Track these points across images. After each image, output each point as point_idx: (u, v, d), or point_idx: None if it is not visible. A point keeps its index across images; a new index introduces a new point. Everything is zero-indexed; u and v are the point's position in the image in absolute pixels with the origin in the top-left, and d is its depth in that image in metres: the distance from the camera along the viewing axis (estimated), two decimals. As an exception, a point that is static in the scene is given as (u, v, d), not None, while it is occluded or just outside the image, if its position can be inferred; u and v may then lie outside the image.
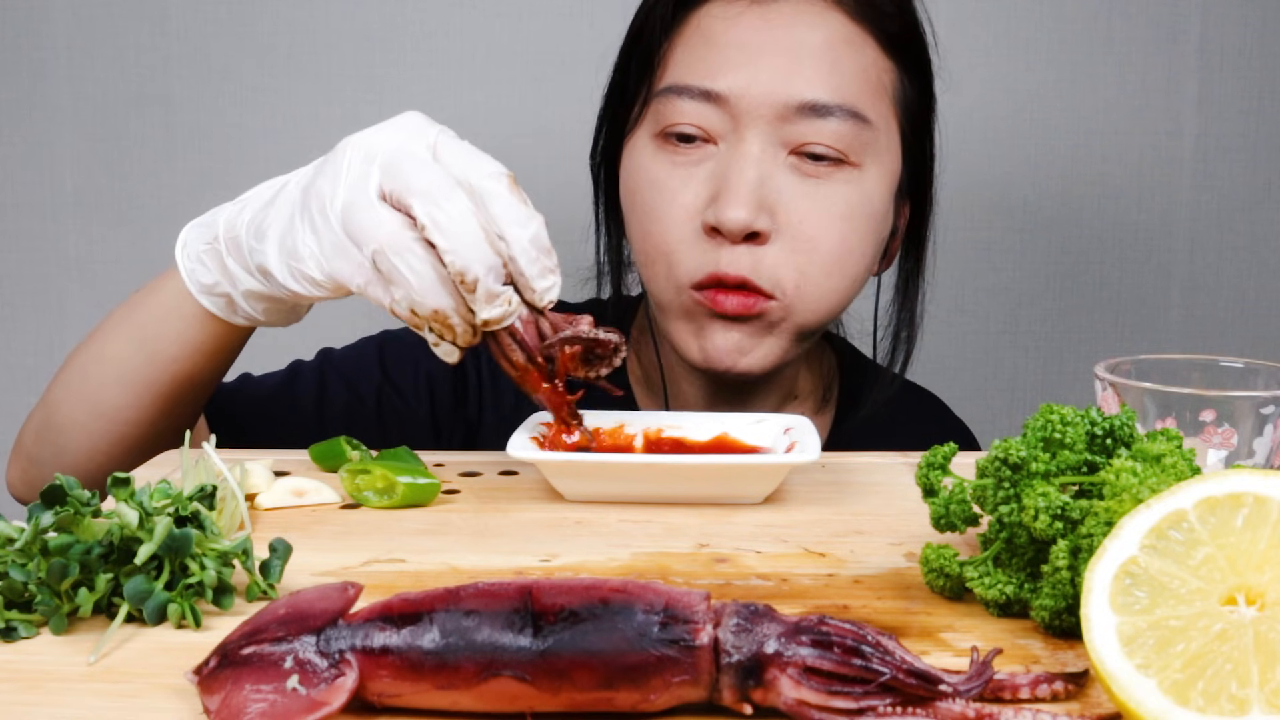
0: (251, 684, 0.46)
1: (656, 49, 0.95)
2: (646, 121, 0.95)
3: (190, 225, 0.83)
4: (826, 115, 0.90)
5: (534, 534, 0.69)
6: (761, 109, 0.89)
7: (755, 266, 0.89)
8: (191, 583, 0.56)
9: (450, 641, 0.46)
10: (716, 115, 0.90)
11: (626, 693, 0.45)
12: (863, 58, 0.92)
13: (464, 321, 0.71)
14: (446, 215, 0.68)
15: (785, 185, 0.90)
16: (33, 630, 0.54)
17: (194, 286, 0.82)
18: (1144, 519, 0.47)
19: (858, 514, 0.73)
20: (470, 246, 0.68)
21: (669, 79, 0.93)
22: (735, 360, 0.92)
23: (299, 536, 0.68)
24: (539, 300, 0.71)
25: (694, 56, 0.92)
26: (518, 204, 0.70)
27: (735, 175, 0.89)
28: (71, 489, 0.56)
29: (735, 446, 0.80)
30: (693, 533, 0.69)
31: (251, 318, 0.82)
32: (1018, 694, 0.47)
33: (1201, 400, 0.65)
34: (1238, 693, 0.41)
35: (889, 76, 0.94)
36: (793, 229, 0.90)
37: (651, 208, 0.93)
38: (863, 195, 0.92)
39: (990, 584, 0.57)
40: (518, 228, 0.70)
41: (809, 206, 0.90)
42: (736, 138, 0.90)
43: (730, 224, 0.87)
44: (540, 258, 0.70)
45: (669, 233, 0.91)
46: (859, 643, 0.45)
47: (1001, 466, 0.57)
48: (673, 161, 0.92)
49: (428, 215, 0.68)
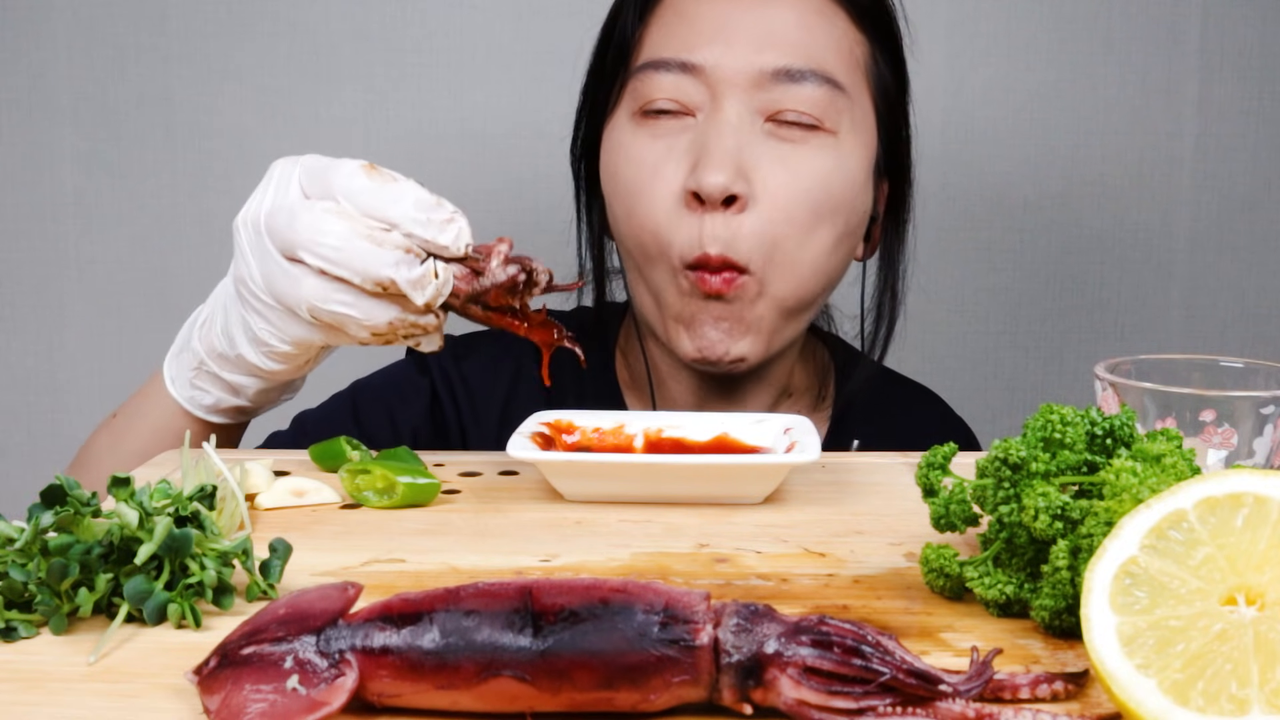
0: (251, 684, 0.46)
1: (632, 33, 0.96)
2: (625, 102, 0.96)
3: (168, 360, 0.87)
4: (800, 80, 0.91)
5: (534, 534, 0.69)
6: (737, 78, 0.91)
7: (732, 240, 0.90)
8: (191, 583, 0.56)
9: (450, 641, 0.46)
10: (694, 87, 0.92)
11: (626, 693, 0.45)
12: (835, 29, 0.94)
13: (417, 314, 0.73)
14: (330, 248, 0.71)
15: (762, 151, 0.91)
16: (33, 630, 0.54)
17: (199, 411, 0.86)
18: (1144, 519, 0.47)
19: (858, 514, 0.73)
20: (364, 258, 0.71)
21: (645, 56, 0.95)
22: (727, 347, 0.92)
23: (299, 536, 0.68)
24: (455, 252, 0.73)
25: (669, 33, 0.94)
26: (382, 185, 0.72)
27: (713, 141, 0.90)
28: (71, 489, 0.56)
29: (735, 446, 0.80)
30: (693, 533, 0.69)
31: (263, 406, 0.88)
32: (1018, 694, 0.47)
33: (1201, 400, 0.65)
34: (1238, 693, 0.41)
35: (861, 49, 0.96)
36: (769, 195, 0.90)
37: (634, 184, 0.93)
38: (839, 163, 0.93)
39: (990, 584, 0.57)
40: (394, 207, 0.72)
41: (784, 172, 0.91)
42: (714, 107, 0.91)
43: (709, 188, 0.88)
44: (431, 217, 0.72)
45: (654, 207, 0.92)
46: (859, 643, 0.45)
47: (1001, 466, 0.57)
48: (652, 135, 0.93)
49: (317, 259, 0.71)
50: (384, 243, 0.71)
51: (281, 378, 0.83)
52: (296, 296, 0.73)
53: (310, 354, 0.80)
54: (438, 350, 0.77)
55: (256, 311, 0.77)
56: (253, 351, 0.79)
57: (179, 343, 0.86)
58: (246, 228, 0.75)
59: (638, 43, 0.96)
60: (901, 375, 1.14)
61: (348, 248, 0.71)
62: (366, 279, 0.71)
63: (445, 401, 1.04)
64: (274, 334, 0.77)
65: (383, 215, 0.72)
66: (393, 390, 1.03)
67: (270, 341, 0.78)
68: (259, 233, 0.74)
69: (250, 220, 0.75)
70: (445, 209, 0.73)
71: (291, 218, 0.72)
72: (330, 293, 0.72)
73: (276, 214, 0.73)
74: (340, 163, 0.74)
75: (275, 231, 0.73)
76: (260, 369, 0.81)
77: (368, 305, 0.72)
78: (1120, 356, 0.71)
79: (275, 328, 0.76)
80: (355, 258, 0.71)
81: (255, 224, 0.74)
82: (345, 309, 0.72)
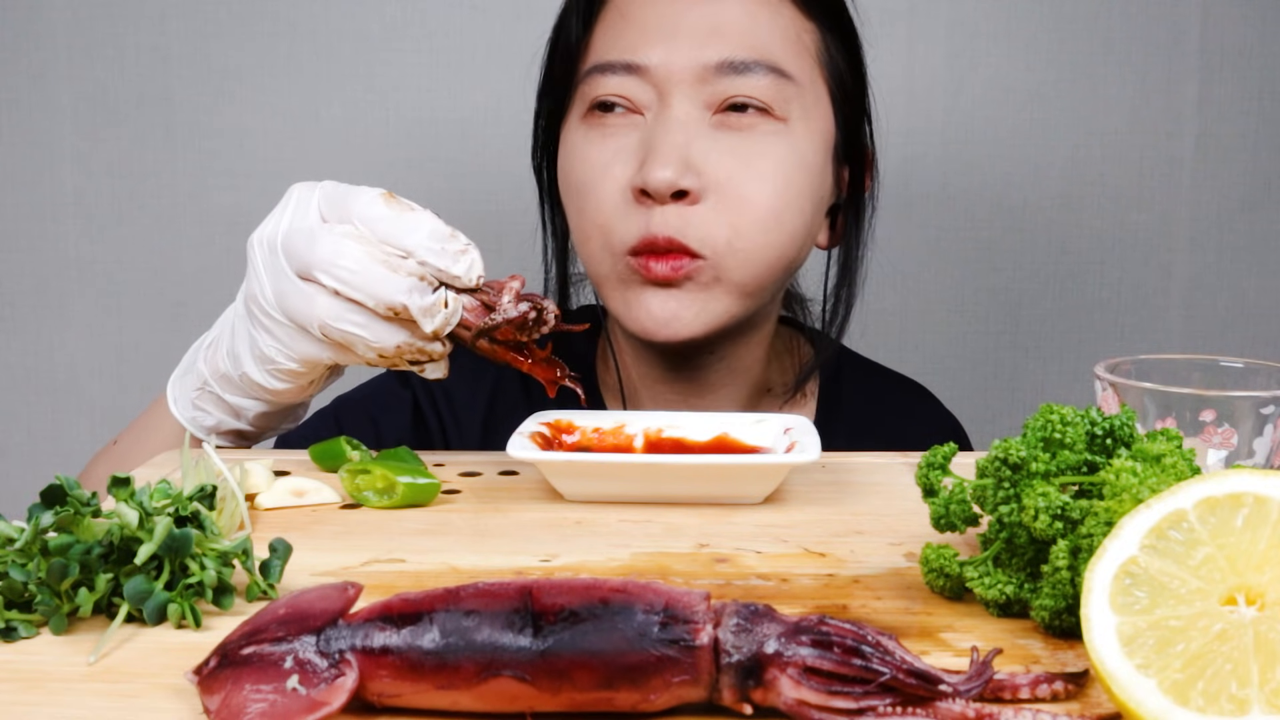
0: (251, 684, 0.46)
1: (577, 38, 0.97)
2: (575, 105, 0.96)
3: (172, 381, 0.88)
4: (746, 72, 0.91)
5: (534, 534, 0.69)
6: (683, 75, 0.91)
7: (684, 227, 0.90)
8: (191, 583, 0.56)
9: (450, 641, 0.46)
10: (640, 87, 0.92)
11: (626, 693, 0.45)
12: (780, 18, 0.94)
13: (425, 341, 0.75)
14: (347, 270, 0.72)
15: (712, 144, 0.91)
16: (33, 630, 0.54)
17: (200, 432, 0.87)
18: (1144, 519, 0.47)
19: (858, 514, 0.73)
20: (379, 283, 0.72)
21: (592, 60, 0.95)
22: (672, 329, 0.92)
23: (299, 536, 0.68)
24: (467, 283, 0.74)
25: (614, 35, 0.94)
26: (400, 214, 0.74)
27: (660, 138, 0.90)
28: (71, 489, 0.56)
29: (735, 446, 0.80)
30: (693, 533, 0.69)
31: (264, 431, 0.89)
32: (1018, 694, 0.47)
33: (1201, 400, 0.65)
34: (1238, 693, 0.41)
35: (810, 37, 0.96)
36: (722, 186, 0.90)
37: (584, 184, 0.94)
38: (792, 150, 0.92)
39: (990, 584, 0.57)
40: (410, 235, 0.73)
41: (736, 163, 0.91)
42: (661, 105, 0.92)
43: (656, 183, 0.88)
44: (445, 247, 0.74)
45: (602, 204, 0.92)
46: (859, 643, 0.45)
47: (1001, 466, 0.57)
48: (602, 134, 0.93)
49: (333, 280, 0.73)
50: (399, 269, 0.73)
51: (284, 399, 0.83)
52: (309, 314, 0.74)
53: (315, 374, 0.81)
54: (442, 378, 0.78)
55: (265, 329, 0.77)
56: (258, 370, 0.80)
57: (184, 365, 0.87)
58: (262, 246, 0.76)
59: (584, 47, 0.96)
60: (891, 370, 1.14)
61: (364, 271, 0.72)
62: (380, 303, 0.72)
63: (428, 413, 1.04)
64: (281, 351, 0.78)
65: (398, 243, 0.73)
66: (375, 403, 1.04)
67: (277, 359, 0.78)
68: (274, 252, 0.75)
69: (266, 239, 0.76)
70: (459, 240, 0.74)
71: (311, 239, 0.73)
72: (343, 313, 0.73)
73: (295, 235, 0.75)
74: (359, 190, 0.75)
75: (293, 252, 0.74)
76: (265, 389, 0.81)
77: (378, 328, 0.74)
78: (1120, 356, 0.71)
79: (283, 345, 0.77)
80: (371, 281, 0.72)
81: (271, 243, 0.76)
82: (356, 329, 0.73)
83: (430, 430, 1.04)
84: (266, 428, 0.88)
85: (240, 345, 0.80)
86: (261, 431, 0.89)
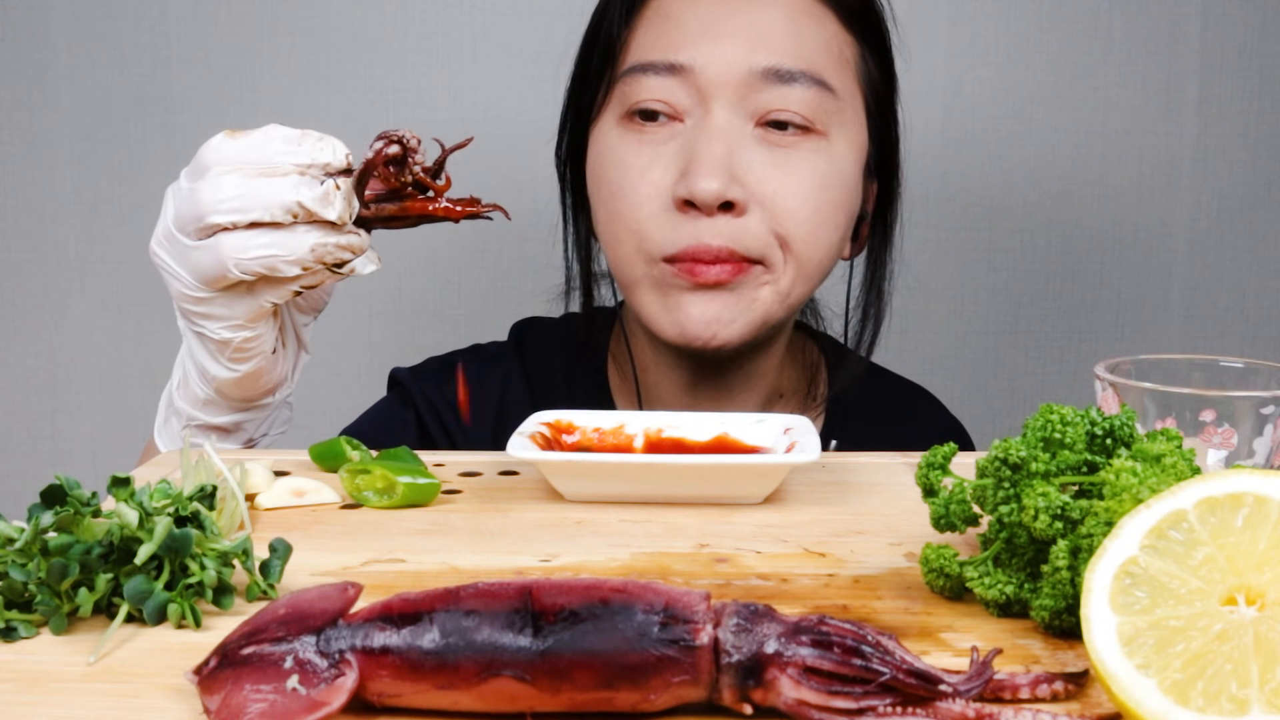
0: (251, 684, 0.46)
1: (618, 35, 0.95)
2: (612, 105, 0.95)
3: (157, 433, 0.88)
4: (791, 82, 0.90)
5: (534, 534, 0.69)
6: (727, 78, 0.90)
7: (739, 236, 0.89)
8: (191, 583, 0.56)
9: (450, 641, 0.46)
10: (682, 90, 0.91)
11: (626, 693, 0.45)
12: (824, 30, 0.93)
13: (338, 234, 0.75)
14: (232, 196, 0.73)
15: (754, 156, 0.90)
16: (33, 630, 0.54)
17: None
18: (1144, 519, 0.47)
19: (858, 514, 0.73)
20: (264, 191, 0.73)
21: (632, 59, 0.94)
22: (714, 332, 0.91)
23: (299, 536, 0.68)
24: (340, 164, 0.75)
25: (656, 34, 0.93)
26: (247, 138, 0.75)
27: (704, 147, 0.89)
28: (71, 489, 0.56)
29: (735, 446, 0.80)
30: (693, 533, 0.69)
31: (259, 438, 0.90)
32: (1018, 694, 0.47)
33: (1201, 400, 0.65)
34: (1238, 693, 0.41)
35: (851, 51, 0.95)
36: (769, 199, 0.90)
37: (619, 187, 0.93)
38: (832, 165, 0.92)
39: (990, 584, 0.57)
40: (266, 148, 0.74)
41: (781, 177, 0.90)
42: (703, 111, 0.91)
43: (703, 194, 0.87)
44: (305, 143, 0.75)
45: (638, 209, 0.91)
46: (859, 643, 0.45)
47: (1001, 466, 0.57)
48: (639, 140, 0.92)
49: (225, 213, 0.74)
50: (276, 172, 0.74)
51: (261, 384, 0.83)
52: (220, 261, 0.74)
53: (270, 331, 0.81)
54: (377, 269, 0.78)
55: (202, 316, 0.78)
56: (221, 365, 0.80)
57: (161, 415, 0.88)
58: (161, 244, 0.78)
59: (624, 45, 0.95)
60: (895, 374, 1.14)
61: (246, 190, 0.73)
62: (275, 208, 0.73)
63: (433, 428, 1.04)
64: (225, 325, 0.78)
65: (260, 159, 0.74)
66: (379, 428, 1.03)
67: (224, 335, 0.78)
68: (172, 238, 0.77)
69: (162, 235, 0.78)
70: (313, 134, 0.75)
71: (192, 197, 0.75)
72: (248, 239, 0.74)
73: (180, 208, 0.76)
74: (204, 145, 0.76)
75: (184, 219, 0.76)
76: (236, 381, 0.81)
77: (287, 239, 0.74)
78: (1120, 356, 0.71)
79: (222, 320, 0.78)
80: (256, 194, 0.73)
81: (167, 233, 0.77)
82: (267, 250, 0.74)
83: (434, 438, 1.04)
84: (260, 435, 0.89)
85: (197, 355, 0.81)
86: (257, 440, 0.89)
